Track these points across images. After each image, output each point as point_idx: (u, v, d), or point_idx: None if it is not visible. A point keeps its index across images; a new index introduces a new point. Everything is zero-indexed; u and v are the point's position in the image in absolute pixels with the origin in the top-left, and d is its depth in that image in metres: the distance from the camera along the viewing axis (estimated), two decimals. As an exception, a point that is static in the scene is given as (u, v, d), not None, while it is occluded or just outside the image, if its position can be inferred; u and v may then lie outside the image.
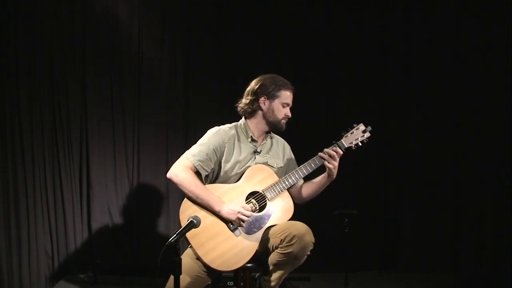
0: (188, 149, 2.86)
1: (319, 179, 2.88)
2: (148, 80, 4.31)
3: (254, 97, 2.90)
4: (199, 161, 2.78)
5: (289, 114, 2.92)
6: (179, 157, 2.87)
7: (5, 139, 3.68)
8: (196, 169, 2.78)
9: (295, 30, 4.50)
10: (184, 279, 2.52)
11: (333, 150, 2.77)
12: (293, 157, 3.06)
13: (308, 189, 2.93)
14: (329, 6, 4.52)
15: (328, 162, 2.76)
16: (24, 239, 3.69)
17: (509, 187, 4.14)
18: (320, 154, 2.78)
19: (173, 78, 4.36)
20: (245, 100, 2.94)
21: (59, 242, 3.96)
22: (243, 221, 2.70)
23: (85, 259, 4.09)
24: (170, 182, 4.15)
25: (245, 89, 2.98)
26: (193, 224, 2.30)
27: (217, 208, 2.69)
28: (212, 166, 2.83)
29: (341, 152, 2.80)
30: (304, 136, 4.26)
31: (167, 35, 4.36)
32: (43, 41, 3.93)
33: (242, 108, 2.95)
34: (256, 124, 2.94)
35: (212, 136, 2.86)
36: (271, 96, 2.88)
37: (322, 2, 4.52)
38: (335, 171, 2.80)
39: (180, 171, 2.76)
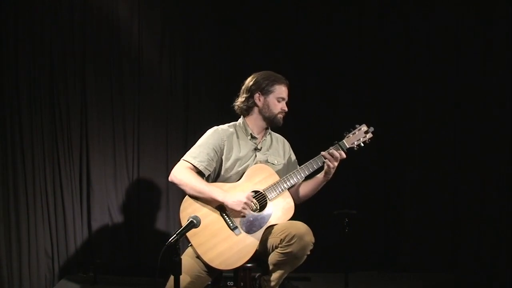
0: (187, 150, 2.86)
1: (316, 178, 2.88)
2: (148, 80, 4.31)
3: (248, 94, 2.91)
4: (201, 162, 2.77)
5: (285, 108, 2.93)
6: (179, 157, 2.87)
7: (5, 139, 3.69)
8: (199, 170, 2.77)
9: (296, 30, 4.51)
10: (184, 278, 2.51)
11: (337, 152, 2.77)
12: (293, 154, 3.06)
13: (305, 189, 2.93)
14: (329, 6, 4.52)
15: (330, 162, 2.76)
16: (24, 239, 3.70)
17: (509, 187, 4.13)
18: (322, 153, 2.78)
19: (173, 78, 4.37)
20: (240, 99, 2.95)
21: (59, 242, 3.96)
22: (245, 215, 2.70)
23: (85, 259, 4.09)
24: (170, 182, 4.22)
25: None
26: (193, 224, 2.30)
27: (220, 198, 2.68)
28: (215, 165, 2.83)
29: (344, 156, 2.79)
30: (306, 137, 4.27)
31: (167, 35, 4.37)
32: (43, 41, 3.94)
33: (239, 107, 2.96)
34: (254, 121, 2.94)
35: (211, 135, 2.86)
36: (265, 92, 2.89)
37: (322, 3, 4.53)
38: (333, 171, 2.81)
39: (179, 172, 2.76)
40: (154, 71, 4.33)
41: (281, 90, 2.91)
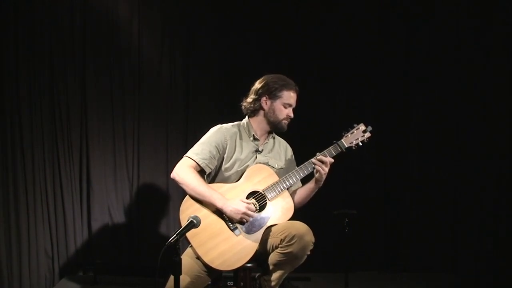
0: (189, 149, 2.86)
1: (308, 185, 2.89)
2: (148, 80, 4.31)
3: (256, 97, 2.90)
4: (203, 159, 2.78)
5: (291, 115, 2.91)
6: (179, 157, 2.87)
7: (5, 139, 3.69)
8: (201, 167, 2.78)
9: (296, 30, 4.51)
10: (184, 279, 2.51)
11: (325, 158, 2.77)
12: (294, 160, 3.05)
13: (297, 197, 2.93)
14: (329, 7, 4.53)
15: (320, 168, 2.76)
16: (24, 239, 3.70)
17: (509, 187, 4.14)
18: (312, 160, 2.78)
19: (173, 78, 4.37)
20: (248, 99, 2.93)
21: (59, 242, 3.96)
22: (245, 221, 2.70)
23: (85, 259, 4.09)
24: (170, 182, 4.22)
25: (247, 88, 2.98)
26: (193, 224, 2.30)
27: (220, 204, 2.68)
28: (216, 163, 2.84)
29: (332, 160, 2.79)
30: (305, 136, 4.27)
31: (167, 35, 4.37)
32: (43, 41, 3.94)
33: (245, 107, 2.95)
34: (258, 123, 2.94)
35: (214, 133, 2.86)
36: (273, 96, 2.87)
37: (322, 3, 4.53)
38: (323, 178, 2.80)
39: (182, 170, 2.76)
40: (154, 71, 4.33)
41: (289, 96, 2.88)
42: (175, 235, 2.20)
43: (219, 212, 2.71)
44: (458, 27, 4.42)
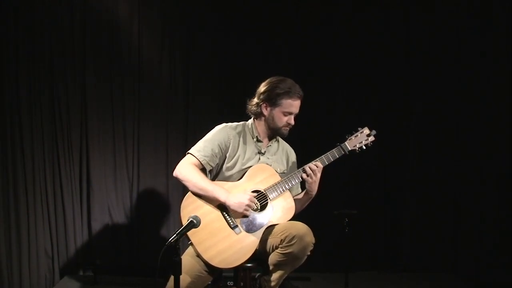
0: (189, 149, 2.85)
1: (301, 195, 2.90)
2: (148, 80, 4.31)
3: (258, 101, 2.89)
4: (205, 156, 2.78)
5: (291, 122, 2.87)
6: (179, 157, 2.87)
7: (5, 139, 3.69)
8: (202, 164, 2.78)
9: (295, 30, 4.51)
10: (184, 278, 2.51)
11: (313, 165, 2.77)
12: (296, 165, 3.03)
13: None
14: (329, 7, 4.53)
15: (309, 177, 2.77)
16: (24, 239, 3.70)
17: (509, 187, 4.14)
18: (302, 168, 2.79)
19: (173, 78, 4.37)
20: (253, 102, 2.92)
21: (59, 242, 3.96)
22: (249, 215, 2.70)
23: (85, 259, 4.09)
24: (170, 181, 4.22)
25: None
26: (193, 224, 2.31)
27: (223, 198, 2.68)
28: (217, 162, 2.84)
29: (321, 166, 2.79)
30: (304, 136, 4.26)
31: (167, 35, 4.36)
32: (43, 41, 3.94)
33: (249, 109, 2.94)
34: (261, 127, 2.94)
35: (218, 132, 2.87)
36: (272, 104, 2.84)
37: (322, 3, 4.53)
38: (314, 187, 2.80)
39: (184, 167, 2.76)
40: (154, 71, 4.33)
41: (290, 105, 2.83)
42: (175, 235, 2.21)
43: (220, 210, 2.72)
44: (458, 27, 4.43)
